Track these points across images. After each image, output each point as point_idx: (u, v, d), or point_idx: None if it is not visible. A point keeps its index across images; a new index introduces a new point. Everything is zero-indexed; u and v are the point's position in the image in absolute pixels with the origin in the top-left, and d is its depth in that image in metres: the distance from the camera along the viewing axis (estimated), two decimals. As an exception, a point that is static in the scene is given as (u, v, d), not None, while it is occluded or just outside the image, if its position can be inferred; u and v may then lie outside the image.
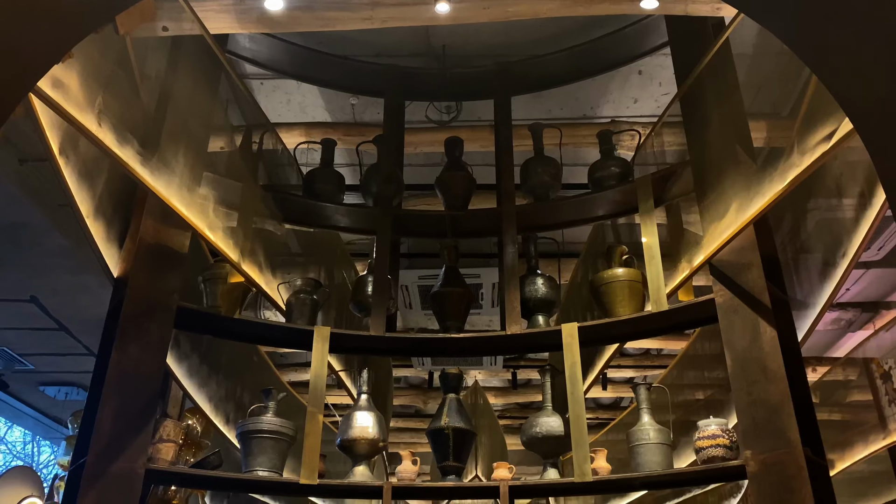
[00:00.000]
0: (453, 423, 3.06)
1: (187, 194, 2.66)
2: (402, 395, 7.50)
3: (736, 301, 2.73)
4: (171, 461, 2.75)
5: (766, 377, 2.56)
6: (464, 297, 3.34)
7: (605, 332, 3.14)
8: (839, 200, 3.02)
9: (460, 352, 3.37)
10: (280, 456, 2.89)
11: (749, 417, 2.56)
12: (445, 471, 3.06)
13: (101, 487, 2.46)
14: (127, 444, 2.56)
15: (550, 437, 3.00)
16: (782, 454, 2.43)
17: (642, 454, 2.83)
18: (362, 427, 2.99)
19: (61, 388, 6.62)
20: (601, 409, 8.44)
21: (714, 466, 2.65)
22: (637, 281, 3.12)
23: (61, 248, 4.38)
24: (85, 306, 5.10)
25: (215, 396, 4.62)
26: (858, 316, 5.53)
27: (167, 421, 2.79)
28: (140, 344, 2.71)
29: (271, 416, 2.94)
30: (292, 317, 3.20)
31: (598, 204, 3.43)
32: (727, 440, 2.68)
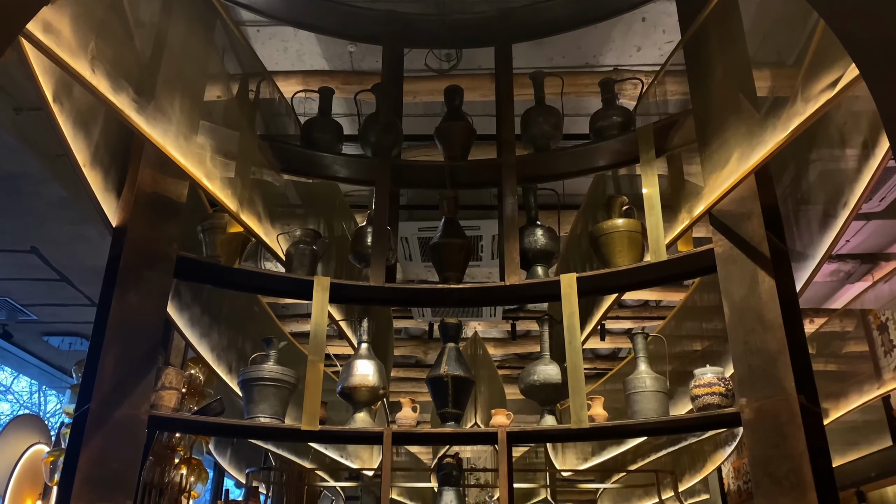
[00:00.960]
0: (452, 372, 3.09)
1: (184, 143, 2.64)
2: (402, 346, 7.59)
3: (735, 251, 2.73)
4: (174, 408, 2.79)
5: (763, 326, 2.58)
6: (463, 248, 3.34)
7: (604, 282, 3.15)
8: (842, 150, 3.00)
9: (460, 302, 3.38)
10: (282, 403, 2.94)
11: (745, 366, 2.59)
12: (445, 417, 3.11)
13: (105, 433, 2.50)
14: (130, 391, 2.59)
15: (548, 384, 3.04)
16: (777, 401, 2.47)
17: (639, 402, 2.87)
18: (363, 375, 3.03)
19: (65, 338, 6.68)
20: (599, 359, 8.55)
21: (709, 413, 2.69)
22: (636, 231, 3.11)
23: (60, 198, 4.37)
24: (85, 257, 5.11)
25: (217, 346, 4.66)
26: (857, 268, 5.54)
27: (169, 369, 2.82)
28: (140, 293, 2.72)
29: (273, 364, 2.97)
30: (292, 267, 3.21)
31: (599, 154, 3.41)
32: (723, 388, 2.72)
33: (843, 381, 6.14)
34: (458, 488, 3.02)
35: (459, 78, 3.88)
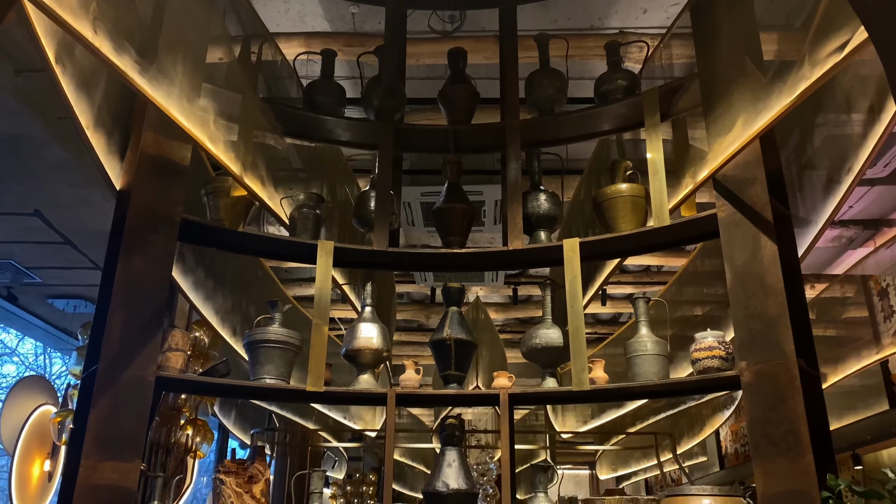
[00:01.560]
0: (455, 335, 3.12)
1: (187, 105, 2.62)
2: (404, 310, 7.63)
3: (738, 216, 2.73)
4: (181, 369, 2.82)
5: (765, 291, 2.60)
6: (466, 213, 3.34)
7: (607, 247, 3.16)
8: (848, 115, 2.98)
9: (463, 267, 3.40)
10: (287, 365, 2.97)
11: (746, 330, 2.61)
12: (447, 379, 3.15)
13: (113, 393, 2.53)
14: (136, 352, 2.62)
15: (550, 348, 3.07)
16: (776, 365, 2.50)
17: (639, 365, 2.90)
18: (367, 338, 3.06)
19: (69, 300, 6.72)
20: (600, 324, 8.60)
21: (709, 376, 2.73)
22: (640, 196, 3.11)
23: (62, 161, 4.35)
24: (89, 220, 5.11)
25: (221, 309, 4.70)
26: (860, 233, 5.55)
27: (175, 331, 2.85)
28: (145, 256, 2.73)
29: (278, 326, 3.00)
30: (296, 231, 3.22)
31: (603, 118, 3.39)
32: (723, 352, 2.74)
33: (841, 346, 6.19)
34: (461, 448, 3.06)
35: (463, 40, 3.84)
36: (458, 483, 2.91)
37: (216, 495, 2.74)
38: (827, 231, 5.56)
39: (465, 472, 2.98)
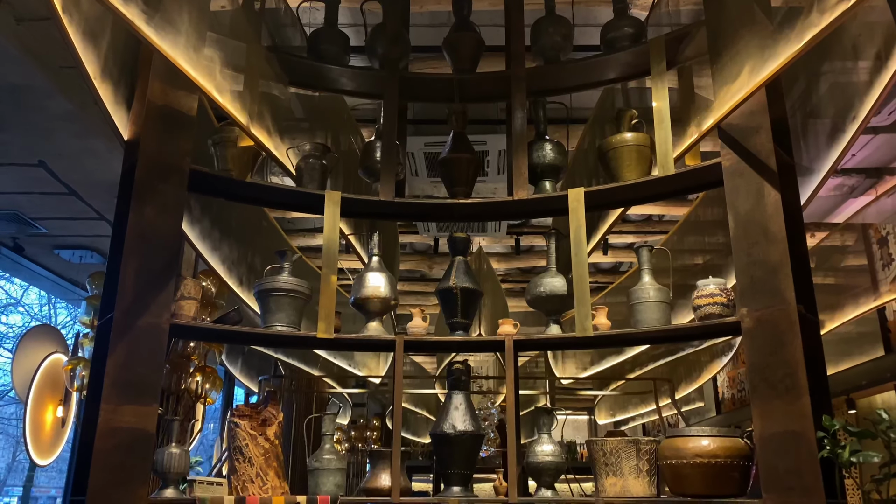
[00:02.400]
0: (461, 283, 3.18)
1: (193, 55, 2.61)
2: (408, 261, 7.69)
3: (742, 165, 2.75)
4: (193, 317, 2.88)
5: (767, 239, 2.64)
6: (472, 163, 3.36)
7: (611, 196, 3.19)
8: (854, 63, 2.97)
9: (468, 217, 3.43)
10: (297, 313, 3.03)
11: (747, 277, 2.66)
12: (453, 327, 3.22)
13: (129, 341, 2.60)
14: (150, 301, 2.68)
15: (554, 295, 3.13)
16: (777, 311, 2.55)
17: (642, 311, 2.96)
18: (374, 286, 3.12)
19: (75, 251, 6.77)
20: (601, 273, 8.67)
21: (710, 322, 2.79)
22: (645, 145, 3.12)
23: (66, 111, 4.34)
24: (93, 170, 5.12)
25: (228, 259, 4.75)
26: (861, 182, 5.57)
27: (187, 279, 2.90)
28: (156, 206, 2.76)
29: (287, 275, 3.05)
30: (302, 181, 3.24)
31: (609, 66, 3.37)
32: (724, 298, 2.80)
33: (840, 293, 6.27)
34: (467, 392, 3.15)
35: (468, -14, 3.79)
36: (465, 425, 3.01)
37: (231, 438, 2.83)
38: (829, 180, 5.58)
39: (472, 414, 3.07)
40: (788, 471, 2.41)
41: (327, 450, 2.98)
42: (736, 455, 2.60)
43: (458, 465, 3.01)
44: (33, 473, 19.48)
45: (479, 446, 3.09)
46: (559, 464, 3.01)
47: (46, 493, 21.61)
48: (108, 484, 2.45)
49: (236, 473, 2.77)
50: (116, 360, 2.56)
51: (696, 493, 2.64)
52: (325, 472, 2.90)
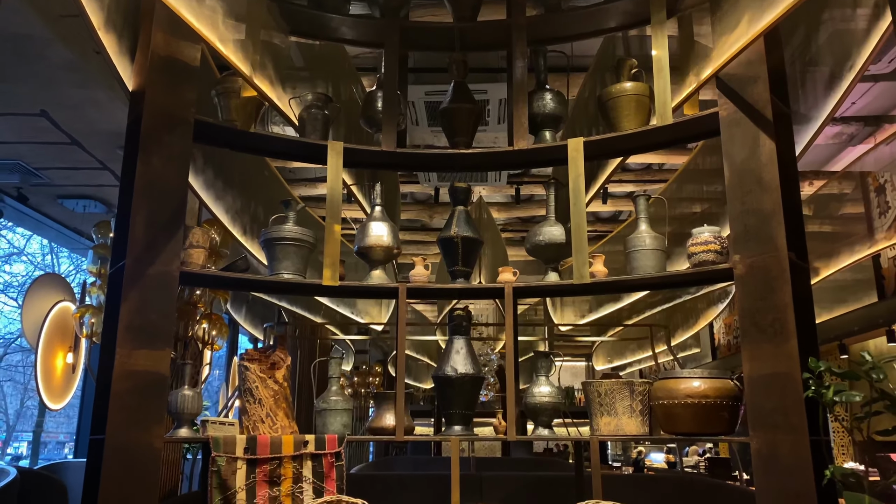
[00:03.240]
0: (462, 233, 3.25)
1: (196, 5, 2.63)
2: (408, 210, 7.75)
3: (739, 114, 2.79)
4: (202, 265, 2.96)
5: (761, 187, 2.70)
6: (472, 113, 3.39)
7: (610, 146, 3.23)
8: (853, 11, 2.98)
9: (469, 167, 3.48)
10: (303, 261, 3.12)
11: (741, 225, 2.73)
12: (455, 275, 3.30)
13: (141, 288, 2.69)
14: (160, 249, 2.75)
15: (553, 244, 3.20)
16: (768, 258, 2.63)
17: (638, 259, 3.04)
18: (377, 235, 3.19)
19: (79, 200, 6.83)
20: (600, 222, 8.74)
21: (704, 269, 2.87)
22: (644, 95, 3.15)
23: (67, 61, 4.35)
24: (95, 120, 5.14)
25: (231, 209, 4.81)
26: (860, 130, 5.58)
27: (196, 228, 2.97)
28: (162, 157, 2.81)
29: (292, 224, 3.12)
30: (305, 132, 3.28)
31: (610, 14, 3.37)
32: (718, 246, 2.88)
33: (836, 241, 6.35)
34: (467, 337, 3.26)
35: (468, -67, 3.75)
36: (466, 368, 3.12)
37: (242, 380, 2.95)
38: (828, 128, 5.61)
39: (472, 358, 3.19)
40: (775, 410, 2.53)
41: (334, 391, 3.10)
42: (725, 395, 2.72)
43: (459, 406, 3.14)
44: (43, 419, 19.95)
45: (478, 388, 3.21)
46: (556, 405, 3.14)
47: (55, 439, 22.18)
48: (126, 424, 2.57)
49: (247, 414, 2.90)
50: (129, 306, 2.65)
51: (687, 432, 2.76)
52: (332, 412, 3.03)
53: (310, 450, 2.80)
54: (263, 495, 2.69)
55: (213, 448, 2.70)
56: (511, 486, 4.42)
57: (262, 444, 2.75)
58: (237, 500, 2.66)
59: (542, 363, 3.25)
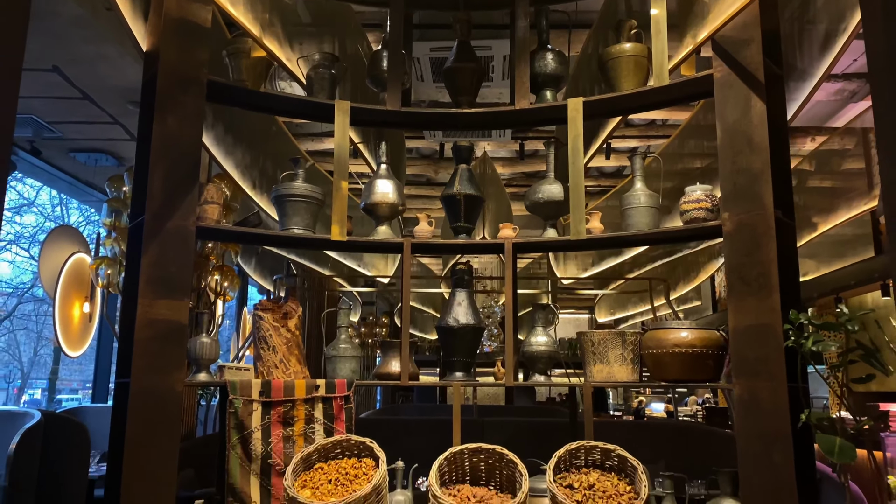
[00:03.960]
0: (464, 190, 3.38)
1: (207, -31, 2.72)
2: (413, 165, 7.85)
3: (732, 76, 2.88)
4: (217, 220, 3.11)
5: (751, 148, 2.81)
6: (475, 73, 3.48)
7: (609, 106, 3.32)
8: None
9: (472, 126, 3.59)
10: (312, 217, 3.26)
11: (731, 183, 2.85)
12: (457, 231, 3.45)
13: (160, 242, 2.84)
14: (177, 205, 2.90)
15: (551, 201, 3.33)
16: (755, 215, 2.76)
17: (632, 216, 3.17)
18: (383, 193, 3.32)
19: (90, 154, 6.96)
20: (604, 177, 8.82)
21: (695, 226, 3.01)
22: (642, 56, 3.24)
23: (78, 16, 4.42)
24: (106, 76, 5.23)
25: (241, 164, 4.94)
26: (862, 87, 5.62)
27: (210, 185, 3.11)
28: (177, 116, 2.93)
29: (301, 182, 3.25)
30: (313, 91, 3.38)
31: (610, -25, 3.43)
32: (709, 203, 3.00)
33: (836, 196, 6.44)
34: (469, 290, 3.42)
35: None
36: (467, 319, 3.29)
37: (256, 329, 3.12)
38: (830, 84, 5.67)
39: (473, 310, 3.35)
40: (757, 359, 2.69)
41: (343, 340, 3.28)
42: (711, 345, 2.89)
43: (461, 354, 3.32)
44: (58, 367, 20.45)
45: (479, 338, 3.39)
46: (552, 353, 3.31)
47: (69, 386, 22.74)
48: (149, 369, 2.75)
49: (262, 360, 3.08)
50: (150, 259, 2.80)
51: (674, 378, 2.94)
52: (342, 359, 3.21)
53: (321, 393, 2.99)
54: (278, 435, 2.89)
55: (231, 391, 2.89)
56: (511, 430, 4.65)
57: (276, 388, 2.94)
58: (253, 439, 2.86)
59: (540, 315, 3.41)
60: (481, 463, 2.77)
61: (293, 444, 2.89)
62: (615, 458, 2.63)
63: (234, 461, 2.82)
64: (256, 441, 2.86)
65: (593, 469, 2.64)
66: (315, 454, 2.71)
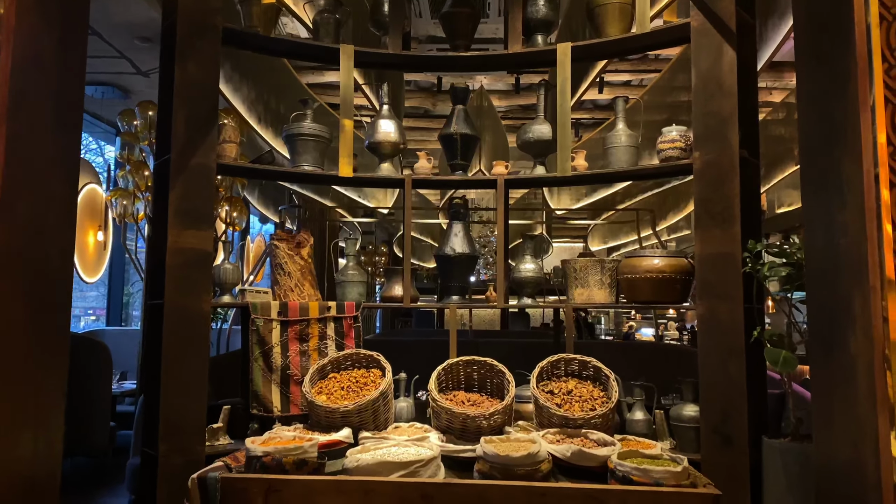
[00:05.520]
0: (461, 130, 3.66)
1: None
2: (412, 98, 8.04)
3: (707, 25, 3.12)
4: (234, 157, 3.40)
5: (722, 92, 3.08)
6: (471, 17, 3.70)
7: (594, 50, 3.57)
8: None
9: (468, 68, 3.82)
10: (320, 155, 3.55)
11: (702, 125, 3.13)
12: (454, 167, 3.74)
13: (185, 178, 3.14)
14: (199, 144, 3.18)
15: (541, 140, 3.62)
16: (722, 155, 3.06)
17: (614, 154, 3.47)
18: (386, 132, 3.60)
19: (98, 87, 7.15)
20: (598, 109, 9.03)
21: (668, 164, 3.31)
22: (627, 3, 3.46)
23: (88, -43, 4.58)
24: (114, 12, 5.41)
25: (247, 99, 5.19)
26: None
27: (227, 125, 3.38)
28: (195, 61, 3.18)
29: (310, 121, 3.53)
30: (318, 35, 3.61)
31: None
32: (683, 143, 3.29)
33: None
34: (465, 222, 3.74)
35: None
36: (463, 248, 3.63)
37: (272, 256, 3.46)
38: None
39: (469, 240, 3.69)
40: (718, 282, 3.04)
41: (351, 266, 3.63)
42: (679, 271, 3.24)
43: (457, 280, 3.68)
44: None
45: (473, 265, 3.73)
46: (539, 279, 3.66)
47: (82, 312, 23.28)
48: (179, 292, 3.10)
49: (279, 284, 3.43)
50: (177, 193, 3.11)
51: (646, 300, 3.30)
52: (350, 283, 3.57)
53: (332, 314, 3.36)
54: (294, 349, 3.27)
55: (252, 311, 3.26)
56: (503, 350, 5.04)
57: (293, 309, 3.30)
58: (273, 353, 3.24)
59: (528, 244, 3.75)
60: (474, 373, 3.15)
61: (308, 358, 3.28)
62: (591, 368, 3.01)
63: (257, 372, 3.21)
64: (276, 355, 3.24)
65: (572, 378, 3.03)
66: (329, 365, 3.09)
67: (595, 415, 2.75)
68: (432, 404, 2.92)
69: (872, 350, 1.34)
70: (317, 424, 2.86)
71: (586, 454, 2.45)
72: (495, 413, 2.81)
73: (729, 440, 2.92)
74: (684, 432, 3.12)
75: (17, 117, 1.44)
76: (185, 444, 3.01)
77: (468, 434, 2.82)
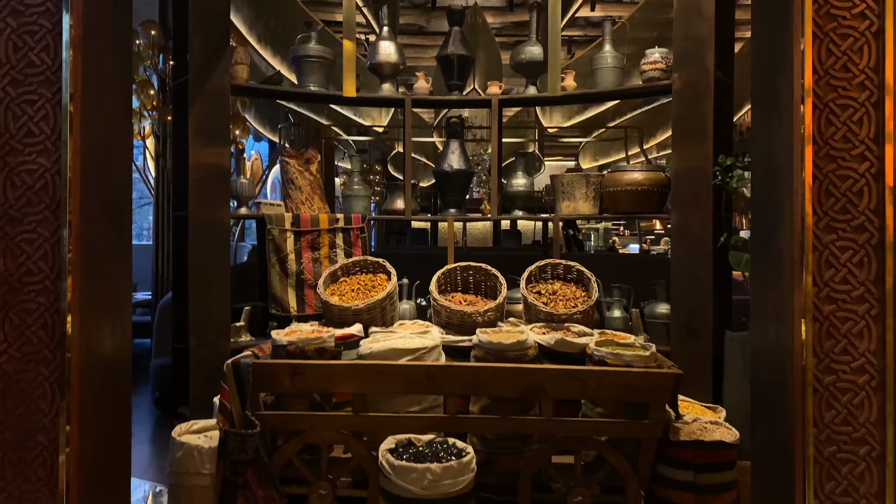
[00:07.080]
0: (457, 52, 3.88)
1: None
2: (406, 15, 8.10)
3: (689, -49, 3.32)
4: (246, 79, 3.63)
5: (700, 17, 3.31)
6: (467, -59, 3.87)
7: (584, -26, 3.76)
8: None
9: (463, -11, 4.01)
10: (325, 75, 3.78)
11: (682, 48, 3.38)
12: (451, 87, 3.98)
13: (203, 98, 3.39)
14: (214, 66, 3.41)
15: (533, 62, 3.85)
16: (699, 76, 3.32)
17: (600, 75, 3.72)
18: (386, 53, 3.82)
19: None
20: (591, 26, 9.11)
21: (650, 85, 3.57)
22: (615, -72, 3.63)
23: None
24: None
25: (248, 18, 5.35)
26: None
27: (238, 49, 3.59)
28: (207, -14, 3.38)
29: (315, 43, 3.74)
30: (322, -42, 3.78)
31: None
32: (664, 65, 3.54)
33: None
34: (461, 140, 4.02)
35: None
36: (459, 164, 3.92)
37: (283, 172, 3.74)
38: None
39: (465, 157, 3.97)
40: (691, 194, 3.36)
41: (356, 182, 3.93)
42: (657, 184, 3.55)
43: (454, 195, 3.98)
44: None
45: (469, 181, 4.03)
46: (529, 193, 3.97)
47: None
48: (202, 203, 3.40)
49: (290, 198, 3.74)
50: (196, 112, 3.37)
51: (627, 211, 3.63)
52: (356, 198, 3.87)
53: (340, 225, 3.68)
54: (307, 257, 3.61)
55: (268, 222, 3.57)
56: (496, 262, 5.40)
57: (305, 220, 3.62)
58: (289, 260, 3.57)
59: (520, 161, 4.04)
60: (470, 277, 3.51)
61: (320, 265, 3.62)
62: (575, 272, 3.37)
63: (274, 277, 3.56)
64: (291, 262, 3.58)
65: (557, 280, 3.39)
66: (339, 270, 3.43)
67: (577, 311, 3.12)
68: (433, 303, 3.28)
69: (793, 243, 1.67)
70: (330, 322, 3.23)
71: (568, 342, 2.83)
72: (489, 310, 3.17)
73: (695, 333, 3.31)
74: (657, 328, 3.51)
75: (87, 45, 1.71)
76: (212, 338, 3.38)
77: (465, 329, 3.19)
